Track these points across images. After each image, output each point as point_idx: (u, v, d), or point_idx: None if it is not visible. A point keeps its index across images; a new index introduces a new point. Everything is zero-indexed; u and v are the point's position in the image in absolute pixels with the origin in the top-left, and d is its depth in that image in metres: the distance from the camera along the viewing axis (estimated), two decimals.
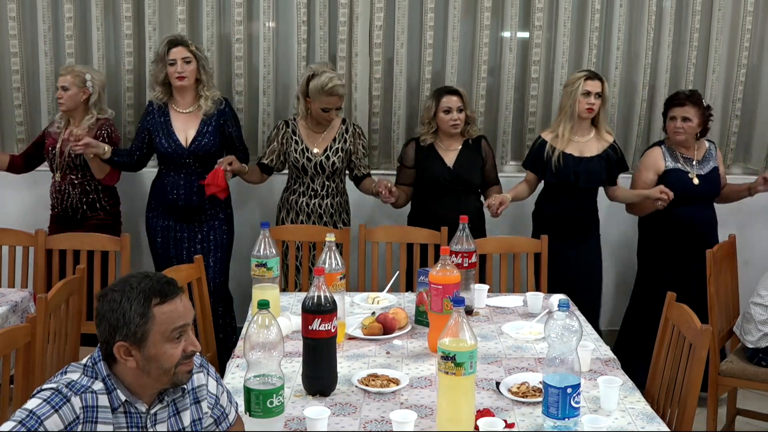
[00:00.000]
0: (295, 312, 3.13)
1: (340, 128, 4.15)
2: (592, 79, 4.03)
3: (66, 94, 4.08)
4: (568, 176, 4.07)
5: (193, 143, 4.08)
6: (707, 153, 4.23)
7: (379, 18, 4.45)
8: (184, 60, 4.04)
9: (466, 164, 4.17)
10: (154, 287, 1.91)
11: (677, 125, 4.11)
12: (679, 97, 4.15)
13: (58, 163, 4.15)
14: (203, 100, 4.10)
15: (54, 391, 1.88)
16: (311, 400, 2.44)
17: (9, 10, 4.41)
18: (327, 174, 4.11)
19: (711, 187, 4.20)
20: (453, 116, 4.08)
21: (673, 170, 4.15)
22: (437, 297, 2.74)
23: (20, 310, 3.37)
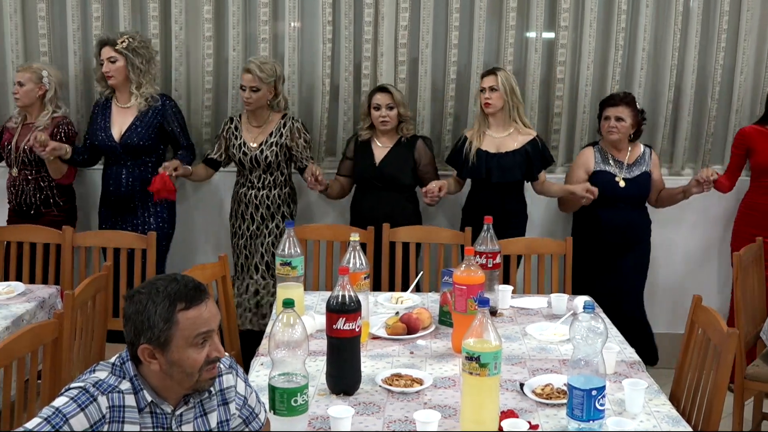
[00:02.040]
0: (319, 311, 3.14)
1: (278, 123, 4.24)
2: (486, 75, 4.12)
3: (22, 89, 4.15)
4: (481, 172, 4.11)
5: (123, 137, 4.18)
6: (640, 157, 4.26)
7: (404, 18, 4.45)
8: (109, 60, 4.14)
9: (394, 163, 4.20)
10: (180, 292, 1.92)
11: (611, 124, 4.15)
12: (613, 98, 4.21)
13: (13, 158, 4.21)
14: (134, 98, 4.19)
15: (81, 389, 1.89)
16: (335, 399, 2.44)
17: (39, 10, 4.45)
18: (263, 167, 4.21)
19: (638, 191, 4.23)
20: (382, 113, 4.15)
21: (601, 172, 4.20)
22: (461, 297, 2.74)
23: (48, 306, 3.41)
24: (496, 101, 4.09)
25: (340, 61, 4.51)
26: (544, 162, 4.21)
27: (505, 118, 4.14)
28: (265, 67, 4.14)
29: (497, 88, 4.06)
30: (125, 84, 4.21)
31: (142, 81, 4.19)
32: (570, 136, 4.64)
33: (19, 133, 4.20)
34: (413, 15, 4.47)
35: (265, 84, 4.15)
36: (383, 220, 4.03)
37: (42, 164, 4.17)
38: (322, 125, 4.57)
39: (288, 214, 4.31)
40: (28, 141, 4.13)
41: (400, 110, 4.18)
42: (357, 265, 2.86)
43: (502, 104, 4.10)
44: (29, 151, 4.12)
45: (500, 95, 4.07)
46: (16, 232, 3.96)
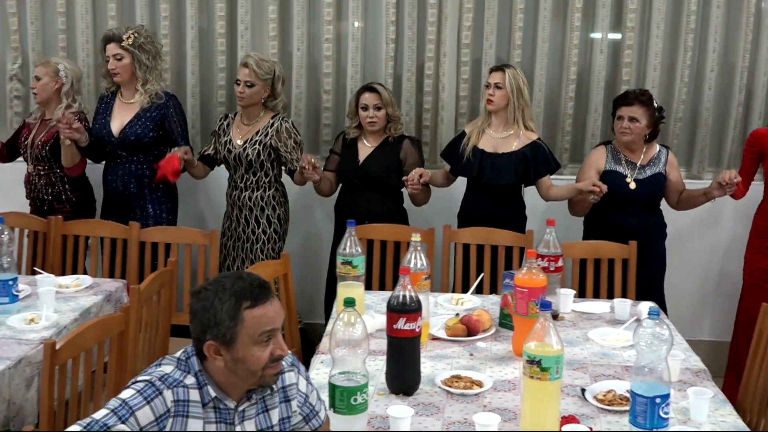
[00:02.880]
0: (379, 310, 3.15)
1: (266, 122, 4.16)
2: (494, 71, 3.97)
3: (39, 84, 4.19)
4: (473, 170, 3.99)
5: (121, 132, 4.16)
6: (655, 158, 4.02)
7: (467, 18, 4.43)
8: (115, 57, 4.12)
9: (377, 163, 4.12)
10: (246, 290, 1.93)
11: (624, 125, 3.92)
12: (626, 96, 3.96)
13: (29, 153, 4.25)
14: (138, 95, 4.17)
15: (147, 383, 1.93)
16: (394, 399, 2.45)
17: (109, 9, 4.55)
18: (245, 166, 4.15)
19: (650, 193, 3.99)
20: (369, 113, 4.07)
21: (611, 172, 3.97)
22: (522, 300, 2.73)
23: (114, 300, 3.48)
24: (500, 99, 3.94)
25: (402, 62, 4.52)
26: (546, 167, 4.02)
27: (508, 118, 3.99)
28: (264, 64, 4.10)
29: (502, 86, 3.92)
30: (131, 81, 4.19)
31: (148, 77, 4.16)
32: None
33: (36, 129, 4.25)
34: (477, 15, 4.45)
35: (261, 81, 4.09)
36: (365, 220, 3.98)
37: (54, 160, 4.18)
38: None
39: (274, 217, 4.20)
40: (42, 137, 4.18)
41: (388, 110, 4.09)
42: (418, 266, 2.86)
43: (506, 103, 3.95)
44: (42, 146, 4.17)
45: (505, 93, 3.93)
46: (84, 226, 4.06)
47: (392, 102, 4.13)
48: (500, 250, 3.92)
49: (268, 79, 4.12)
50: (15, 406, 2.68)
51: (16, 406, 2.69)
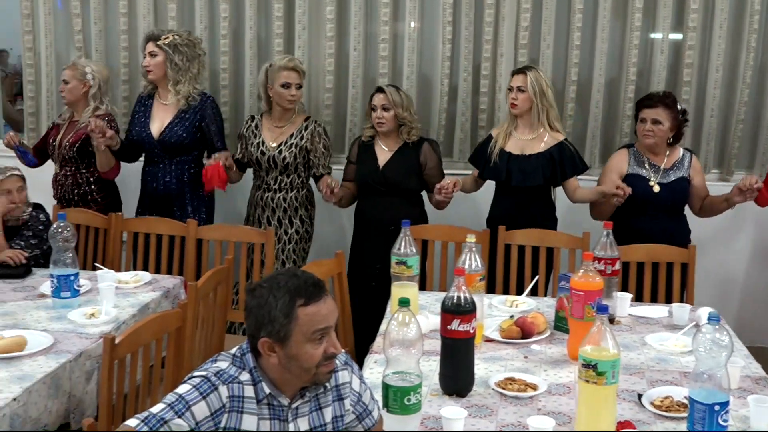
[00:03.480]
0: (433, 311, 3.15)
1: (300, 125, 4.19)
2: (516, 74, 3.95)
3: (66, 87, 4.26)
4: (500, 174, 3.97)
5: (162, 134, 4.21)
6: (678, 162, 3.93)
7: (525, 19, 4.40)
8: (150, 54, 4.21)
9: (398, 167, 4.10)
10: (300, 288, 1.95)
11: (647, 127, 3.84)
12: (650, 98, 3.89)
13: (57, 154, 4.32)
14: (171, 96, 4.23)
15: (203, 378, 1.95)
16: (447, 400, 2.44)
17: (170, 10, 4.63)
18: (280, 169, 4.17)
19: (673, 197, 3.90)
20: (377, 114, 4.06)
21: (633, 176, 3.90)
22: (578, 303, 2.70)
23: (172, 296, 3.53)
24: (523, 102, 3.92)
25: (459, 62, 4.51)
26: (573, 168, 3.98)
27: (533, 121, 3.96)
28: (302, 66, 4.21)
29: (525, 89, 3.90)
30: (164, 80, 4.25)
31: (179, 78, 4.21)
32: (696, 141, 4.49)
33: (64, 130, 4.33)
34: (534, 15, 4.42)
35: (303, 81, 4.19)
36: (387, 225, 3.97)
37: (81, 160, 4.25)
38: (439, 125, 4.57)
39: (306, 217, 4.27)
40: (70, 139, 4.24)
41: (397, 112, 4.05)
42: (472, 267, 2.84)
43: (530, 106, 3.92)
44: (70, 147, 4.23)
45: (528, 96, 3.90)
46: (143, 223, 4.13)
47: (404, 104, 4.09)
48: (556, 252, 3.89)
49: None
50: (75, 399, 2.74)
51: (76, 398, 2.75)
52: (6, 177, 3.72)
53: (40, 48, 4.77)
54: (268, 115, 4.27)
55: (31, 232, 3.74)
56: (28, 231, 3.74)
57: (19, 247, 3.67)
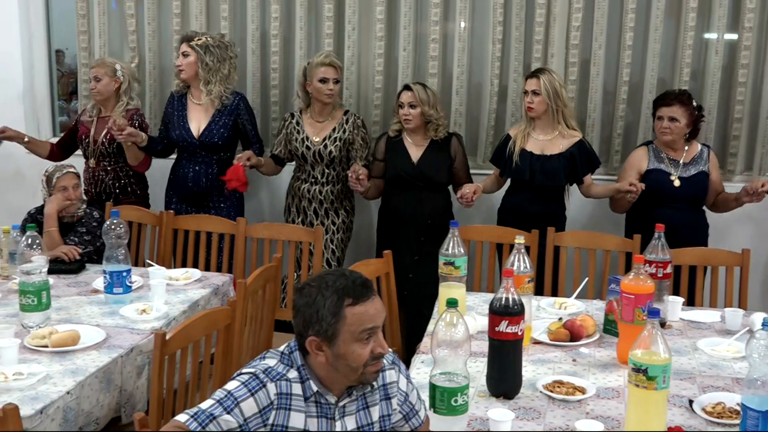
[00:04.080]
0: (480, 312, 3.14)
1: (341, 119, 4.33)
2: (530, 78, 4.03)
3: (99, 84, 4.34)
4: (524, 173, 4.05)
5: (202, 134, 4.32)
6: (697, 156, 4.04)
7: (576, 19, 4.36)
8: (183, 54, 4.31)
9: (431, 161, 4.19)
10: (348, 287, 1.95)
11: (664, 125, 3.97)
12: (666, 97, 4.00)
13: (92, 150, 4.39)
14: (204, 95, 4.32)
15: (252, 375, 1.97)
16: (494, 402, 2.43)
17: (222, 11, 4.68)
18: (326, 162, 4.30)
19: (694, 191, 4.01)
20: (404, 111, 4.14)
21: (655, 170, 4.02)
22: (628, 306, 2.67)
23: (221, 294, 3.57)
24: (539, 105, 4.01)
25: (509, 62, 4.48)
26: (590, 165, 4.10)
27: (550, 121, 4.05)
28: (339, 62, 4.32)
29: (539, 92, 3.98)
30: (195, 79, 4.35)
31: (210, 79, 4.30)
32: (751, 143, 4.40)
33: (95, 127, 4.42)
34: (586, 15, 4.38)
35: (341, 76, 4.31)
36: (422, 220, 4.14)
37: (120, 155, 4.36)
38: (488, 126, 4.55)
39: (350, 208, 4.43)
40: (106, 134, 4.33)
41: (424, 110, 4.13)
42: (521, 268, 2.82)
43: (545, 108, 4.01)
44: (107, 143, 4.33)
45: (542, 99, 3.99)
46: (194, 221, 4.19)
47: (431, 102, 4.16)
48: (605, 255, 3.85)
49: (343, 74, 4.38)
50: (126, 393, 2.79)
51: (127, 393, 2.79)
52: (63, 174, 3.80)
53: (94, 48, 4.86)
54: (307, 112, 4.38)
55: (85, 228, 3.81)
56: (82, 228, 3.81)
57: (73, 243, 3.75)
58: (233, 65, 4.42)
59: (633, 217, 4.13)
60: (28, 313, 2.93)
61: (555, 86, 3.98)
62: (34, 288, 2.92)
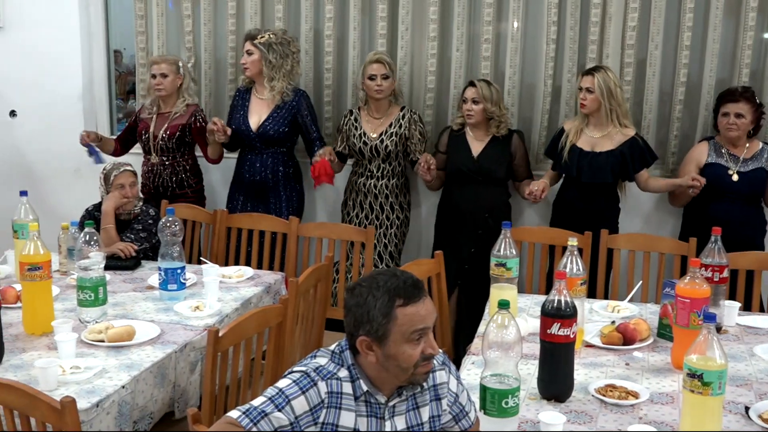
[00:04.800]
0: (532, 314, 3.12)
1: (397, 115, 4.42)
2: (585, 75, 4.07)
3: (165, 80, 4.44)
4: (572, 169, 4.12)
5: (260, 128, 4.42)
6: (758, 153, 4.05)
7: (633, 18, 4.30)
8: (247, 52, 4.43)
9: (492, 157, 4.25)
10: (400, 288, 1.95)
11: (730, 121, 3.98)
12: (732, 93, 4.02)
13: (152, 145, 4.47)
14: (268, 91, 4.42)
15: (303, 373, 1.98)
16: (545, 405, 2.41)
17: (276, 11, 4.72)
18: (382, 157, 4.40)
19: (751, 186, 4.02)
20: (467, 106, 4.23)
21: (713, 164, 4.05)
22: (684, 311, 2.62)
23: (273, 292, 3.61)
24: (591, 103, 4.04)
25: (563, 63, 4.44)
26: (643, 162, 4.10)
27: (603, 119, 4.08)
28: (391, 60, 4.40)
29: (593, 90, 4.01)
30: (260, 76, 4.46)
31: (274, 75, 4.41)
32: None
33: (155, 122, 4.50)
34: (643, 15, 4.31)
35: (393, 73, 4.37)
36: (479, 213, 4.23)
37: (178, 150, 4.50)
38: (541, 126, 4.51)
39: (405, 203, 4.51)
40: (166, 129, 4.45)
41: (486, 106, 4.20)
42: (574, 270, 2.80)
43: (598, 106, 4.04)
44: (167, 138, 4.45)
45: (596, 97, 4.01)
46: (247, 219, 4.23)
47: (494, 99, 4.24)
48: (660, 258, 3.80)
49: (395, 72, 4.42)
50: (179, 389, 2.83)
51: (180, 388, 2.83)
52: (120, 172, 3.87)
53: (152, 48, 4.94)
54: (365, 109, 4.48)
55: (141, 225, 3.87)
56: (138, 225, 3.87)
57: (129, 240, 3.81)
58: (296, 60, 4.51)
59: (690, 211, 4.17)
60: (85, 308, 2.99)
61: (609, 85, 4.00)
62: (92, 284, 2.98)
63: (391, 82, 4.38)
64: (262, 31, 4.45)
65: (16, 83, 4.84)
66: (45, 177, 5.07)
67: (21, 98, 5.01)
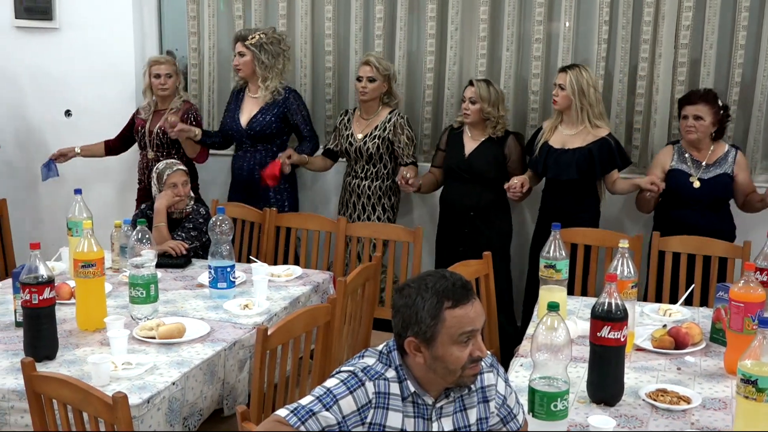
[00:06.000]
0: (581, 316, 3.08)
1: (385, 117, 4.42)
2: (560, 72, 4.08)
3: (170, 80, 4.54)
4: (538, 166, 4.14)
5: (249, 124, 4.49)
6: (722, 158, 3.99)
7: (687, 17, 4.23)
8: (239, 53, 4.48)
9: (483, 157, 4.25)
10: (448, 290, 1.95)
11: (689, 123, 3.94)
12: (691, 95, 3.98)
13: (147, 141, 4.56)
14: (261, 91, 4.47)
15: (351, 373, 1.99)
16: (595, 408, 2.39)
17: (326, 12, 4.74)
18: (365, 159, 4.42)
19: (714, 193, 3.97)
20: (465, 105, 4.23)
21: (675, 171, 4.02)
22: (737, 315, 2.58)
23: (321, 291, 3.62)
24: (562, 100, 4.04)
25: (615, 63, 4.39)
26: (612, 164, 4.07)
27: (575, 117, 4.06)
28: (382, 62, 4.39)
29: (565, 87, 4.01)
30: (253, 76, 4.51)
31: (267, 75, 4.46)
32: None
33: (151, 119, 4.59)
34: (697, 14, 4.24)
35: (381, 76, 4.36)
36: (468, 211, 4.23)
37: (172, 146, 4.56)
38: None
39: (389, 206, 4.48)
40: (161, 126, 4.51)
41: (483, 106, 4.18)
42: (625, 273, 2.76)
43: (569, 104, 4.03)
44: (162, 134, 4.52)
45: (567, 95, 4.02)
46: (296, 219, 4.26)
47: (491, 100, 4.21)
48: (713, 261, 3.74)
49: (387, 75, 4.40)
50: (228, 386, 2.86)
51: (229, 385, 2.86)
52: (173, 171, 3.92)
53: (203, 48, 5.00)
54: (359, 108, 4.54)
55: (192, 224, 3.92)
56: (189, 223, 3.92)
57: (180, 238, 3.86)
58: (287, 57, 4.57)
59: (656, 218, 4.13)
60: (137, 305, 3.04)
61: (581, 84, 4.00)
62: (143, 281, 3.02)
63: (378, 85, 4.38)
64: (253, 32, 4.50)
65: (71, 83, 4.93)
66: (98, 175, 5.14)
67: (76, 98, 5.10)
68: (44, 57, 5.14)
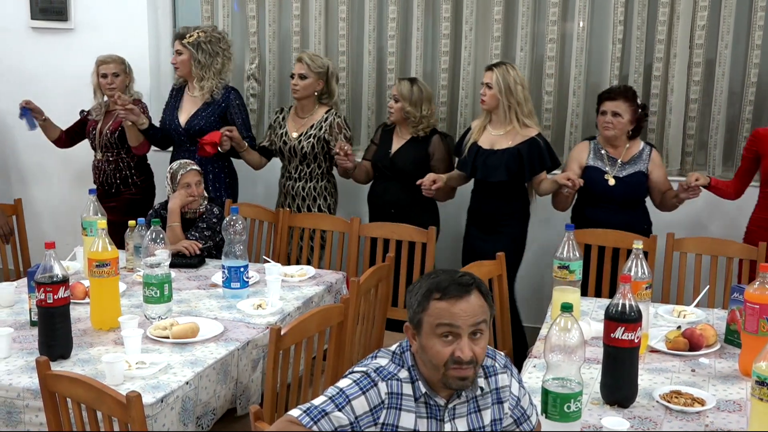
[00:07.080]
0: (595, 318, 3.07)
1: (321, 117, 4.37)
2: (486, 70, 4.01)
3: (117, 79, 4.53)
4: (467, 167, 4.08)
5: (187, 123, 4.43)
6: (637, 156, 3.97)
7: (702, 17, 4.22)
8: (177, 52, 4.43)
9: (406, 156, 4.23)
10: (441, 283, 1.96)
11: (606, 119, 3.90)
12: (611, 91, 3.97)
13: (97, 142, 4.54)
14: (197, 90, 4.41)
15: (363, 373, 1.99)
16: (608, 410, 2.38)
17: (340, 12, 4.74)
18: (299, 158, 4.37)
19: (628, 191, 3.94)
20: (390, 103, 4.26)
21: (591, 168, 3.98)
22: (752, 317, 2.56)
23: (334, 291, 3.63)
24: (490, 99, 3.98)
25: (630, 63, 4.38)
26: (541, 164, 4.00)
27: (502, 117, 4.00)
28: (316, 59, 4.34)
29: (492, 85, 3.95)
30: (190, 75, 4.45)
31: (203, 75, 4.39)
32: None
33: (102, 120, 4.58)
34: (712, 14, 4.23)
35: (314, 73, 4.30)
36: (386, 208, 4.25)
37: (121, 147, 4.53)
38: None
39: (324, 207, 4.42)
40: (110, 125, 4.50)
41: (403, 105, 4.16)
42: (639, 274, 2.75)
43: (497, 103, 3.97)
44: (111, 134, 4.50)
45: (494, 93, 3.96)
46: (309, 219, 4.26)
47: (413, 99, 4.17)
48: (728, 262, 3.72)
49: (321, 73, 4.34)
50: (241, 386, 2.86)
51: (242, 385, 2.87)
52: (186, 171, 3.93)
53: None
54: (294, 107, 4.49)
55: (206, 224, 3.93)
56: (202, 223, 3.93)
57: (194, 238, 3.87)
58: (227, 57, 4.49)
59: (573, 217, 4.09)
60: (151, 305, 3.05)
61: (508, 82, 3.94)
62: (157, 281, 3.03)
63: (311, 83, 4.32)
64: (192, 30, 4.44)
65: (87, 83, 4.94)
66: None
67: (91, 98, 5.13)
68: (59, 57, 5.18)
